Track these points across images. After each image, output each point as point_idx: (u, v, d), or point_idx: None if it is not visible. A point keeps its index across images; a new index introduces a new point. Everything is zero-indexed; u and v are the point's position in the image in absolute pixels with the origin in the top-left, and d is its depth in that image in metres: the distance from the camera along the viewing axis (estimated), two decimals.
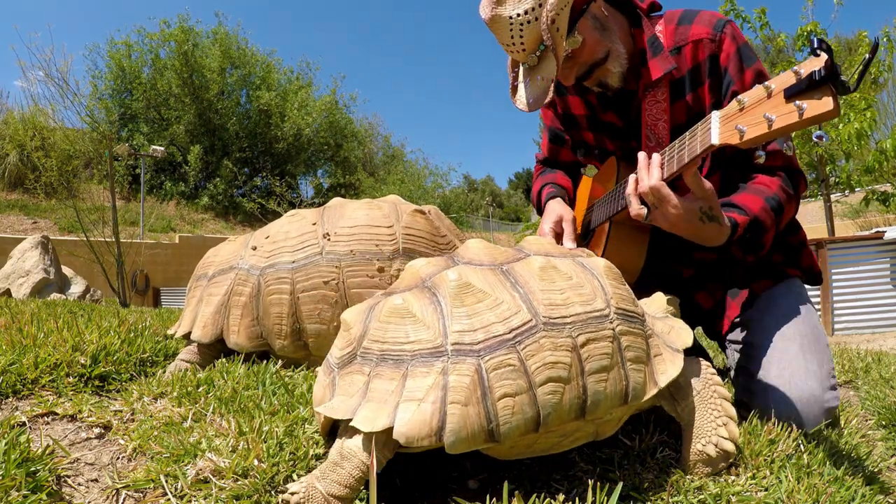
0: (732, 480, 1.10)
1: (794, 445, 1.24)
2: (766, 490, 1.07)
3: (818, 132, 1.03)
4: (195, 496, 0.97)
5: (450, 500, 0.96)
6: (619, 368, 1.03)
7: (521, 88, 1.52)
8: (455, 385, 0.91)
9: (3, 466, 0.95)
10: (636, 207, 1.34)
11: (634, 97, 1.60)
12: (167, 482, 1.00)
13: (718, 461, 1.11)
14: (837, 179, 9.24)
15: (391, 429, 0.89)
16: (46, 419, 1.22)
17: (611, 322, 1.04)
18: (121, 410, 1.27)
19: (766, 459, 1.18)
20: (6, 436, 1.04)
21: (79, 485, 1.04)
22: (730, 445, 1.11)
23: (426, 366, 0.93)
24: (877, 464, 1.36)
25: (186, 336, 1.65)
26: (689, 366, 1.17)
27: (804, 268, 1.65)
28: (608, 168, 1.73)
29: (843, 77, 0.92)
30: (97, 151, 14.33)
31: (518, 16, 1.37)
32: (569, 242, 1.66)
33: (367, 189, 23.29)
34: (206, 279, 1.68)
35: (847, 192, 9.78)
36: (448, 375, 0.92)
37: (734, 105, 1.10)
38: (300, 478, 0.99)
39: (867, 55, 0.92)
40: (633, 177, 1.34)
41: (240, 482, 0.98)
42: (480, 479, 1.10)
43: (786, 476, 1.11)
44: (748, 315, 1.61)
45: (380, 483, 0.93)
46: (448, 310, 0.97)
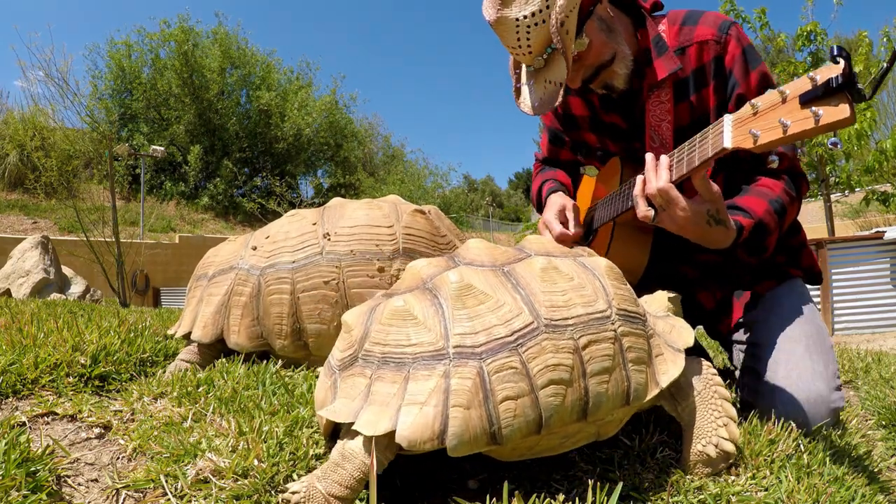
0: (732, 480, 1.10)
1: (794, 445, 1.24)
2: (766, 490, 1.07)
3: (833, 139, 1.05)
4: (195, 496, 0.97)
5: (450, 501, 0.96)
6: (621, 370, 1.02)
7: (525, 91, 1.50)
8: (457, 388, 0.91)
9: (3, 466, 0.95)
10: (643, 209, 1.32)
11: (638, 98, 1.58)
12: (167, 482, 1.00)
13: (719, 462, 1.11)
14: (837, 179, 9.23)
15: (393, 432, 0.89)
16: (46, 419, 1.22)
17: (612, 323, 1.04)
18: (121, 410, 1.27)
19: (766, 459, 1.18)
20: (6, 436, 1.04)
21: (79, 485, 1.04)
22: (730, 446, 1.11)
23: (428, 369, 0.93)
24: (877, 464, 1.36)
25: (186, 336, 1.65)
26: (690, 366, 1.17)
27: (805, 268, 1.65)
28: (611, 168, 1.72)
29: (860, 85, 0.93)
30: (97, 151, 14.31)
31: (525, 18, 1.34)
32: (574, 227, 1.65)
33: (367, 189, 23.29)
34: (207, 279, 1.68)
35: (847, 192, 9.77)
36: (450, 378, 0.92)
37: (747, 109, 1.09)
38: (300, 478, 0.99)
39: (884, 63, 0.92)
40: (641, 178, 1.33)
41: (240, 482, 0.98)
42: (480, 480, 1.10)
43: (786, 476, 1.11)
44: (753, 315, 1.61)
45: (380, 483, 0.93)
46: (449, 312, 0.97)
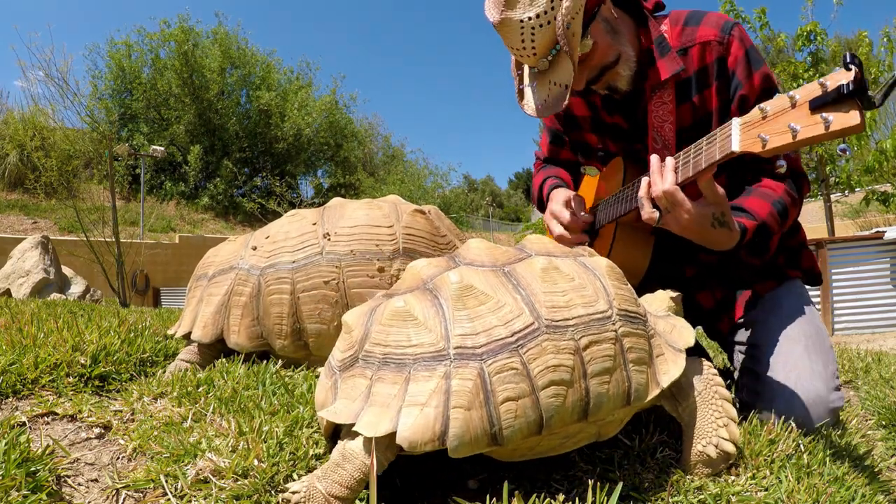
0: (732, 480, 1.10)
1: (794, 445, 1.24)
2: (766, 490, 1.07)
3: (842, 146, 1.04)
4: (195, 496, 0.97)
5: (450, 500, 0.96)
6: (622, 370, 1.02)
7: (529, 92, 1.49)
8: (458, 389, 0.90)
9: (3, 466, 0.95)
10: (648, 211, 1.32)
11: (641, 99, 1.58)
12: (167, 482, 1.00)
13: (719, 462, 1.11)
14: (837, 179, 9.23)
15: (394, 433, 0.89)
16: (46, 419, 1.22)
17: (613, 324, 1.04)
18: (121, 410, 1.27)
19: (766, 459, 1.18)
20: (6, 436, 1.04)
21: (79, 485, 1.04)
22: (730, 447, 1.11)
23: (428, 370, 0.93)
24: (877, 464, 1.36)
25: (186, 336, 1.64)
26: (691, 366, 1.17)
27: (805, 269, 1.65)
28: (614, 169, 1.71)
29: (871, 92, 0.93)
30: (97, 151, 14.31)
31: (529, 19, 1.32)
32: (584, 215, 1.66)
33: (367, 189, 23.29)
34: (207, 279, 1.68)
35: (847, 192, 9.77)
36: (451, 380, 0.91)
37: (756, 113, 1.09)
38: (300, 478, 0.99)
39: (895, 73, 0.92)
40: (646, 180, 1.32)
41: (240, 482, 0.98)
42: (480, 480, 1.10)
43: (786, 476, 1.11)
44: (752, 316, 1.60)
45: (380, 483, 0.93)
46: (450, 313, 0.97)
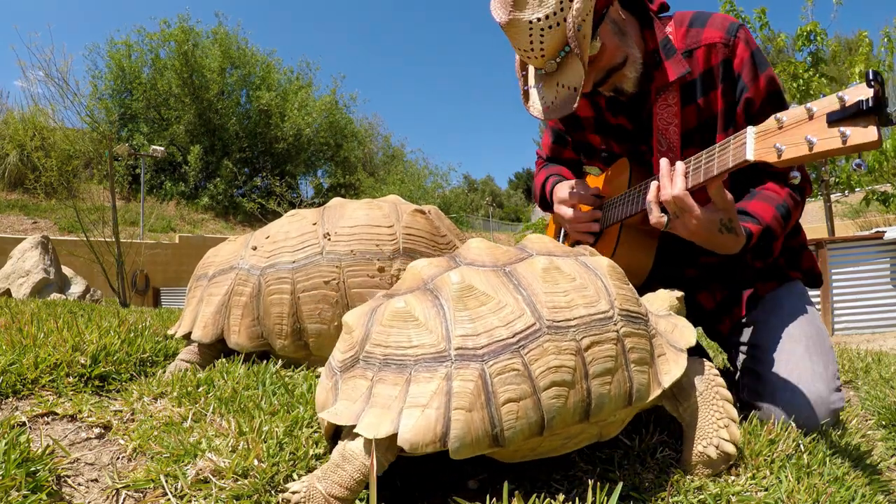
0: (732, 480, 1.10)
1: (794, 445, 1.24)
2: (766, 490, 1.07)
3: (857, 160, 1.05)
4: (195, 496, 0.97)
5: (450, 501, 0.96)
6: (623, 370, 1.02)
7: (534, 94, 1.48)
8: (459, 391, 0.90)
9: (3, 466, 0.95)
10: (657, 215, 1.32)
11: (646, 101, 1.57)
12: (167, 482, 1.00)
13: (719, 463, 1.11)
14: (837, 179, 9.23)
15: (395, 434, 0.89)
16: (46, 419, 1.22)
17: (615, 324, 1.03)
18: (121, 410, 1.27)
19: (766, 459, 1.18)
20: (6, 436, 1.04)
21: (79, 485, 1.04)
22: (731, 448, 1.11)
23: (429, 371, 0.93)
24: (877, 464, 1.36)
25: (187, 336, 1.64)
26: (693, 366, 1.17)
27: (805, 270, 1.65)
28: (619, 170, 1.71)
29: (889, 109, 0.94)
30: (97, 151, 14.31)
31: (538, 20, 1.31)
32: (591, 195, 1.68)
33: (367, 189, 23.29)
34: (207, 279, 1.68)
35: (847, 192, 9.77)
36: (452, 381, 0.91)
37: (772, 122, 1.09)
38: (300, 478, 0.99)
39: None
40: (655, 183, 1.32)
41: (240, 482, 0.98)
42: (480, 480, 1.10)
43: (786, 476, 1.11)
44: (753, 316, 1.60)
45: (380, 483, 0.93)
46: (451, 313, 0.96)
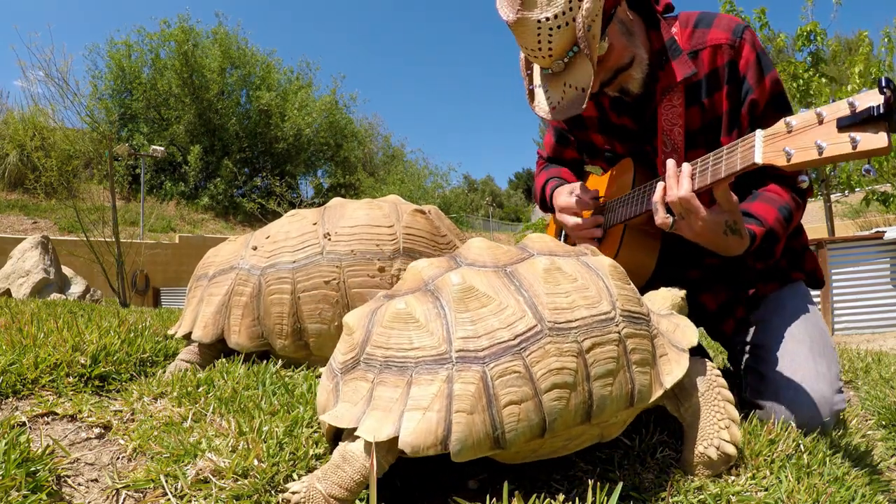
0: (732, 480, 1.10)
1: (794, 445, 1.24)
2: (766, 490, 1.07)
3: (866, 166, 1.06)
4: (195, 496, 0.97)
5: (450, 501, 0.96)
6: (625, 371, 1.02)
7: (540, 94, 1.47)
8: (460, 393, 0.90)
9: (3, 466, 0.95)
10: (662, 216, 1.32)
11: (651, 101, 1.57)
12: (167, 482, 1.00)
13: (719, 464, 1.11)
14: (837, 179, 9.23)
15: (396, 437, 0.88)
16: (46, 419, 1.22)
17: (616, 325, 1.03)
18: (121, 410, 1.27)
19: (766, 459, 1.18)
20: (6, 436, 1.04)
21: (79, 485, 1.04)
22: (731, 449, 1.10)
23: (430, 373, 0.92)
24: (877, 464, 1.36)
25: (187, 336, 1.64)
26: (694, 366, 1.16)
27: (807, 271, 1.65)
28: (623, 170, 1.70)
29: None
30: (97, 151, 14.32)
31: (547, 20, 1.30)
32: (591, 200, 1.67)
33: (367, 189, 23.30)
34: (207, 279, 1.68)
35: (847, 192, 9.77)
36: (453, 383, 0.91)
37: (781, 126, 1.09)
38: (300, 478, 0.99)
39: None
40: (661, 184, 1.32)
41: (240, 482, 0.98)
42: (480, 480, 1.10)
43: (786, 476, 1.11)
44: (756, 316, 1.60)
45: (380, 484, 0.93)
46: (452, 315, 0.96)
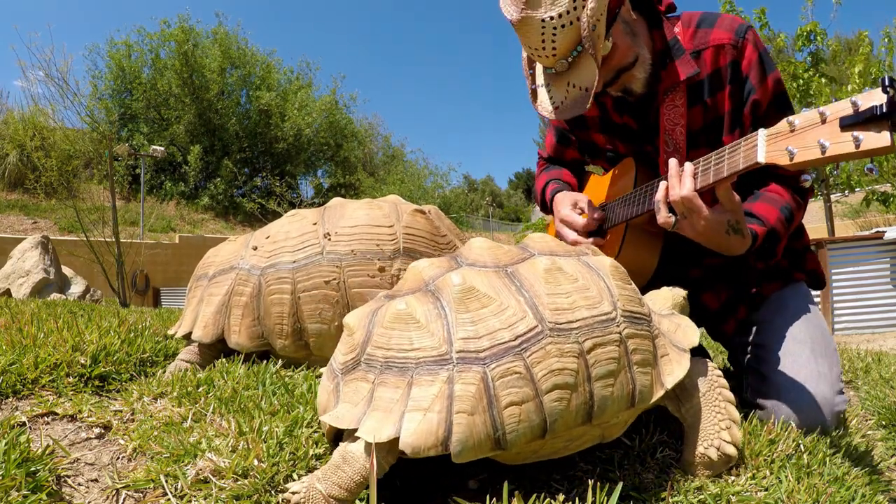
0: (732, 480, 1.10)
1: (794, 445, 1.24)
2: (766, 490, 1.07)
3: (869, 165, 1.06)
4: (195, 496, 0.97)
5: (450, 501, 0.96)
6: (626, 372, 1.02)
7: (543, 93, 1.47)
8: (461, 394, 0.90)
9: (3, 466, 0.95)
10: (664, 215, 1.32)
11: (653, 101, 1.57)
12: (167, 482, 1.00)
13: (720, 465, 1.11)
14: (837, 179, 9.23)
15: (397, 438, 0.88)
16: (46, 419, 1.22)
17: (617, 325, 1.03)
18: (121, 410, 1.27)
19: (766, 459, 1.18)
20: (6, 436, 1.04)
21: (79, 485, 1.04)
22: (732, 450, 1.10)
23: (431, 374, 0.92)
24: (877, 464, 1.36)
25: (187, 336, 1.64)
26: (696, 366, 1.16)
27: (809, 272, 1.65)
28: (624, 170, 1.70)
29: None
30: (97, 151, 14.32)
31: (552, 19, 1.30)
32: (595, 213, 1.66)
33: (367, 189, 23.29)
34: (207, 279, 1.68)
35: (847, 192, 9.77)
36: (454, 384, 0.91)
37: (784, 125, 1.09)
38: (300, 478, 0.99)
39: None
40: (664, 184, 1.32)
41: (240, 482, 0.98)
42: (480, 480, 1.10)
43: (786, 476, 1.11)
44: (758, 316, 1.60)
45: (380, 484, 0.93)
46: (452, 316, 0.96)
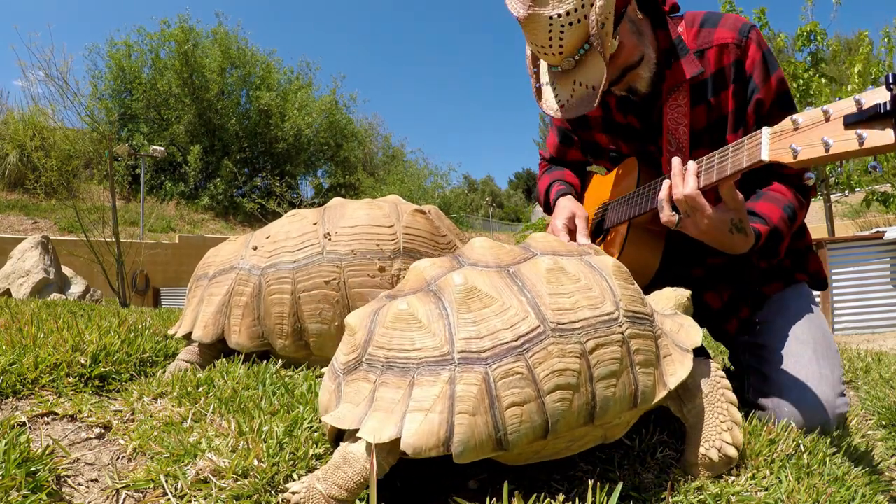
0: (732, 480, 1.10)
1: (794, 445, 1.24)
2: (766, 490, 1.07)
3: (873, 162, 1.07)
4: (195, 496, 0.97)
5: (450, 501, 0.96)
6: (629, 372, 1.01)
7: (548, 91, 1.47)
8: (462, 395, 0.90)
9: (3, 466, 0.95)
10: (668, 214, 1.31)
11: (656, 100, 1.56)
12: (167, 482, 1.00)
13: (721, 466, 1.11)
14: (837, 179, 9.23)
15: (398, 438, 0.88)
16: (46, 419, 1.22)
17: (620, 325, 1.02)
18: (121, 410, 1.27)
19: (766, 459, 1.18)
20: (6, 436, 1.04)
21: (79, 485, 1.04)
22: (733, 451, 1.10)
23: (433, 374, 0.92)
24: (877, 464, 1.36)
25: (187, 336, 1.64)
26: (698, 367, 1.16)
27: (811, 272, 1.64)
28: (627, 169, 1.70)
29: None
30: (97, 151, 14.32)
31: (559, 16, 1.29)
32: (583, 238, 1.63)
33: (367, 189, 23.29)
34: (207, 279, 1.68)
35: (847, 192, 9.78)
36: (455, 385, 0.90)
37: (788, 123, 1.09)
38: (300, 478, 0.99)
39: None
40: (667, 182, 1.31)
41: (240, 482, 0.98)
42: (480, 480, 1.10)
43: (786, 476, 1.11)
44: (760, 316, 1.60)
45: (380, 484, 0.93)
46: (454, 316, 0.95)
